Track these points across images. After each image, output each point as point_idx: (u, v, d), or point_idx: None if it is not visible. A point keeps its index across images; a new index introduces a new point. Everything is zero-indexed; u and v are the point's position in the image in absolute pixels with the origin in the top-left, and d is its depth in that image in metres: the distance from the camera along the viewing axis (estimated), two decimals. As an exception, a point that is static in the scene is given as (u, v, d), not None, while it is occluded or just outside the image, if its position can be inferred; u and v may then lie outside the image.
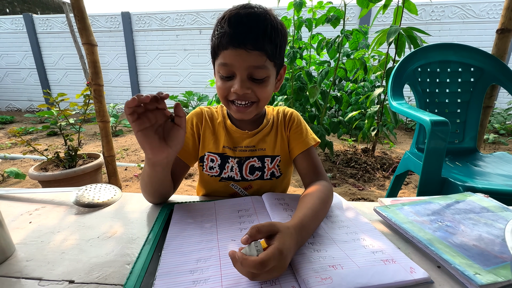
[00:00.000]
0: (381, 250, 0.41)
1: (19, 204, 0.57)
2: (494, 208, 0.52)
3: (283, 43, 0.57)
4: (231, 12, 0.53)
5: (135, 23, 5.18)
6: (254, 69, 0.54)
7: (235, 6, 0.55)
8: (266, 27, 0.52)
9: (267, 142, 0.67)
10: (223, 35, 0.52)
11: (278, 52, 0.56)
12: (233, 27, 0.51)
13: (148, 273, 0.37)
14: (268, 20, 0.53)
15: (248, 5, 0.54)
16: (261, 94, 0.57)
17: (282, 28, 0.56)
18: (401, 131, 3.95)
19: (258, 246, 0.35)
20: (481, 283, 0.33)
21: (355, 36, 2.13)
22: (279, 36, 0.55)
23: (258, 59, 0.53)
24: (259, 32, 0.52)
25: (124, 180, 2.16)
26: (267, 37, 0.52)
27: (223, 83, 0.57)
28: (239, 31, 0.51)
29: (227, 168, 0.66)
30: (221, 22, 0.53)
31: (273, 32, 0.53)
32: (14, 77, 5.79)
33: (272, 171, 0.66)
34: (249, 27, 0.51)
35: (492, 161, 1.11)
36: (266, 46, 0.53)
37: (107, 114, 1.57)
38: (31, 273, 0.37)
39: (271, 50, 0.54)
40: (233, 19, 0.52)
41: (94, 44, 1.44)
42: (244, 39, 0.51)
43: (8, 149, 2.98)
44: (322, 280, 0.34)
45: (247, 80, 0.55)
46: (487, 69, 1.20)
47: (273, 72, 0.58)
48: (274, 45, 0.54)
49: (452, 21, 4.26)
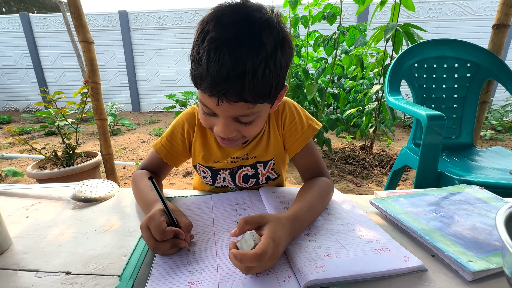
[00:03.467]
0: (376, 240, 0.41)
1: (16, 200, 0.58)
2: (489, 199, 0.53)
3: (282, 76, 0.44)
4: (214, 33, 0.38)
5: (132, 22, 5.15)
6: (240, 116, 0.45)
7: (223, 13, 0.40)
8: (258, 68, 0.38)
9: (259, 149, 0.61)
10: (200, 74, 0.39)
11: (274, 91, 0.44)
12: (212, 69, 0.38)
13: (145, 264, 0.37)
14: (263, 53, 0.38)
15: (242, 18, 0.39)
16: (249, 133, 0.49)
17: (283, 55, 0.42)
18: (399, 128, 3.96)
19: (254, 235, 0.35)
20: (474, 270, 0.34)
21: (351, 33, 2.13)
22: (277, 71, 0.41)
23: (244, 109, 0.43)
24: (247, 80, 0.38)
25: (123, 178, 2.15)
26: (258, 83, 0.39)
27: (205, 117, 0.48)
28: (219, 78, 0.38)
29: (219, 179, 0.64)
30: (200, 45, 0.39)
31: (269, 71, 0.40)
32: (11, 77, 5.75)
33: (267, 175, 0.63)
34: (234, 74, 0.37)
35: (489, 156, 1.12)
36: (256, 94, 0.40)
37: (105, 112, 1.56)
38: (28, 265, 0.38)
39: (262, 96, 0.42)
40: (214, 52, 0.37)
41: (91, 41, 1.44)
42: (226, 90, 0.39)
43: (6, 149, 2.97)
44: (317, 268, 0.34)
45: (232, 122, 0.46)
46: (483, 65, 1.21)
47: (266, 108, 0.47)
48: (267, 88, 0.41)
49: (450, 18, 4.27)
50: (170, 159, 0.63)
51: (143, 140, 3.34)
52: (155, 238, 0.37)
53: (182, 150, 0.63)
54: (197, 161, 0.64)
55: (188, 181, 2.10)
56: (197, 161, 0.64)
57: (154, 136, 3.55)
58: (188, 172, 2.26)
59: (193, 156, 0.64)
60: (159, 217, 0.39)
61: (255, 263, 0.32)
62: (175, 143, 0.62)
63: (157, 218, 0.38)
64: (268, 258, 0.33)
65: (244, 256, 0.32)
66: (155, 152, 0.63)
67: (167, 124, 4.26)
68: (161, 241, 0.37)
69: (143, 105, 5.65)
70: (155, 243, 0.37)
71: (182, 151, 0.63)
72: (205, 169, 0.64)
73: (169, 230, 0.38)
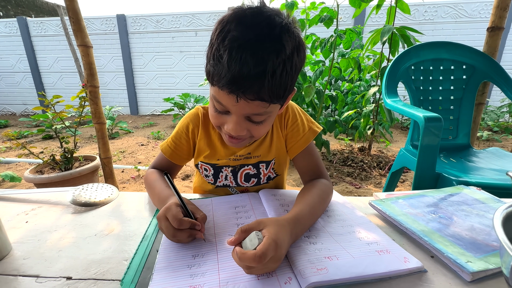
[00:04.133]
0: (376, 242, 0.41)
1: (15, 205, 0.57)
2: (486, 200, 0.53)
3: (295, 79, 0.46)
4: (236, 33, 0.39)
5: (130, 26, 5.16)
6: (253, 115, 0.46)
7: (245, 15, 0.40)
8: (277, 69, 0.40)
9: (262, 148, 0.63)
10: (220, 71, 0.40)
11: (287, 93, 0.45)
12: (233, 67, 0.39)
13: (146, 268, 0.37)
14: (283, 55, 0.40)
15: (264, 21, 0.40)
16: (259, 132, 0.50)
17: (298, 59, 0.44)
18: (397, 130, 3.98)
19: (259, 235, 0.35)
20: (473, 270, 0.34)
21: (348, 35, 2.15)
22: (292, 73, 0.43)
23: (260, 108, 0.44)
24: (266, 80, 0.40)
25: (121, 182, 2.15)
26: (275, 83, 0.41)
27: (216, 115, 0.49)
28: (240, 76, 0.39)
29: (221, 177, 0.65)
30: (220, 44, 0.40)
31: (285, 73, 0.41)
32: (8, 81, 5.73)
33: (268, 175, 0.65)
34: (255, 73, 0.39)
35: (486, 157, 1.13)
36: (272, 94, 0.42)
37: (103, 116, 1.56)
38: (28, 270, 0.38)
39: (277, 96, 0.43)
40: (237, 51, 0.38)
41: (90, 45, 1.44)
42: (245, 88, 0.40)
43: (3, 153, 2.94)
44: (318, 270, 0.34)
45: (244, 121, 0.47)
46: (478, 67, 1.22)
47: (276, 108, 0.49)
48: (283, 89, 0.43)
49: (445, 21, 4.32)
50: (175, 158, 0.65)
51: (142, 143, 3.33)
52: (173, 226, 0.40)
53: (187, 150, 0.65)
54: (200, 160, 0.65)
55: (187, 184, 2.10)
56: (200, 160, 0.65)
57: (152, 139, 3.54)
58: (187, 175, 2.26)
59: (196, 155, 0.66)
60: (176, 207, 0.41)
61: (253, 264, 0.32)
62: (180, 143, 0.64)
63: (174, 208, 0.41)
64: (270, 260, 0.33)
65: (244, 255, 0.33)
66: (161, 152, 0.66)
67: (166, 127, 4.25)
68: (179, 230, 0.40)
69: (141, 108, 5.64)
70: (174, 231, 0.40)
71: (187, 151, 0.65)
72: (208, 166, 0.65)
73: (186, 221, 0.40)
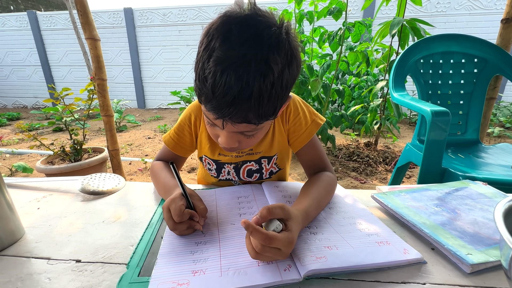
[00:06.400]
0: (376, 233, 0.42)
1: (27, 192, 0.60)
2: (492, 195, 0.53)
3: (287, 94, 0.43)
4: (221, 53, 0.36)
5: (137, 19, 5.18)
6: (244, 131, 0.46)
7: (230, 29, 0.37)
8: (264, 93, 0.37)
9: (264, 144, 0.62)
10: (206, 95, 0.38)
11: (277, 110, 0.43)
12: (217, 93, 0.36)
13: (151, 253, 0.39)
14: (271, 77, 0.37)
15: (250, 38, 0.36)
16: (249, 144, 0.50)
17: (291, 74, 0.40)
18: (404, 125, 3.92)
19: (278, 227, 0.36)
20: (472, 262, 0.34)
21: (357, 28, 2.11)
22: (282, 92, 0.40)
23: (248, 127, 0.43)
24: (252, 104, 0.37)
25: (129, 174, 2.19)
26: (263, 106, 0.38)
27: (209, 127, 0.48)
28: (224, 102, 0.37)
29: (224, 172, 0.66)
30: (205, 63, 0.37)
31: (275, 93, 0.39)
32: (19, 74, 5.85)
33: (270, 170, 0.65)
34: (240, 98, 0.36)
35: (495, 153, 1.11)
36: (260, 117, 0.40)
37: (111, 109, 1.59)
38: (40, 253, 0.39)
39: (266, 116, 0.41)
40: (221, 75, 0.36)
41: (97, 38, 1.46)
42: (231, 114, 0.39)
43: (16, 145, 3.04)
44: (317, 259, 0.35)
45: (235, 135, 0.46)
46: (490, 60, 1.19)
47: (268, 123, 0.48)
48: (272, 110, 0.41)
49: (458, 13, 4.18)
50: (178, 150, 0.65)
51: (149, 136, 3.38)
52: (174, 220, 0.41)
53: (190, 141, 0.66)
54: (203, 153, 0.66)
55: (192, 176, 2.12)
56: (203, 153, 0.66)
57: (159, 132, 3.58)
58: (193, 168, 2.29)
59: (199, 147, 0.66)
60: (179, 200, 0.42)
61: (261, 241, 0.33)
62: (183, 135, 0.65)
63: (177, 201, 0.42)
64: (279, 253, 0.34)
65: (256, 231, 0.33)
66: (164, 144, 0.66)
67: (172, 121, 4.29)
68: (179, 223, 0.41)
69: (148, 102, 5.70)
70: (174, 224, 0.41)
71: (189, 142, 0.66)
72: (211, 161, 0.66)
73: (186, 213, 0.41)
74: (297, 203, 0.46)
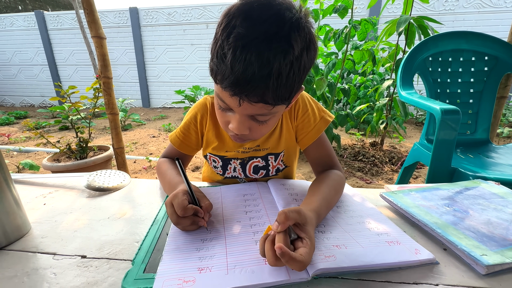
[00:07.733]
0: (386, 233, 0.41)
1: (33, 188, 0.60)
2: (505, 195, 0.51)
3: (303, 79, 0.43)
4: (242, 30, 0.36)
5: (142, 18, 5.21)
6: (257, 115, 0.44)
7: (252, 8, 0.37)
8: (283, 71, 0.37)
9: (271, 141, 0.61)
10: (223, 72, 0.38)
11: (293, 94, 0.43)
12: (236, 68, 0.36)
13: (156, 250, 0.38)
14: (291, 56, 0.37)
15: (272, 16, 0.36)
16: (261, 131, 0.49)
17: (308, 58, 0.41)
18: (411, 125, 3.86)
19: (293, 236, 0.35)
20: (488, 263, 0.33)
21: (363, 26, 2.08)
22: (300, 74, 0.40)
23: (263, 109, 0.42)
24: (271, 82, 0.37)
25: (133, 172, 2.20)
26: (281, 86, 0.38)
27: (221, 112, 0.48)
28: (243, 78, 0.36)
29: (230, 169, 0.65)
30: (225, 41, 0.37)
31: (293, 74, 0.39)
32: (27, 74, 5.94)
33: (277, 167, 0.64)
34: (260, 75, 0.36)
35: (506, 153, 1.08)
36: (277, 97, 0.40)
37: (116, 107, 1.59)
38: (46, 248, 0.39)
39: (283, 99, 0.41)
40: (241, 51, 0.36)
41: (103, 37, 1.46)
42: (249, 91, 0.38)
43: (23, 142, 3.08)
44: (325, 257, 0.34)
45: (247, 120, 0.45)
46: (502, 58, 1.16)
47: (282, 108, 0.46)
48: (289, 91, 0.41)
49: (467, 11, 4.11)
50: (184, 148, 0.65)
51: (153, 135, 3.40)
52: (177, 214, 0.40)
53: (195, 140, 0.65)
54: (209, 151, 0.65)
55: (197, 175, 2.13)
56: (208, 151, 0.65)
57: (163, 131, 3.59)
58: (197, 167, 2.29)
59: (205, 146, 0.66)
60: (182, 195, 0.42)
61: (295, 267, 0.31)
62: (189, 134, 0.64)
63: (180, 196, 0.42)
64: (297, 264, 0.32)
65: (291, 258, 0.30)
66: (170, 142, 0.66)
67: (176, 120, 4.31)
68: (182, 217, 0.41)
69: (153, 101, 5.73)
70: (177, 218, 0.41)
71: (195, 141, 0.65)
72: (216, 158, 0.65)
73: (190, 208, 0.41)
74: (307, 202, 0.45)
